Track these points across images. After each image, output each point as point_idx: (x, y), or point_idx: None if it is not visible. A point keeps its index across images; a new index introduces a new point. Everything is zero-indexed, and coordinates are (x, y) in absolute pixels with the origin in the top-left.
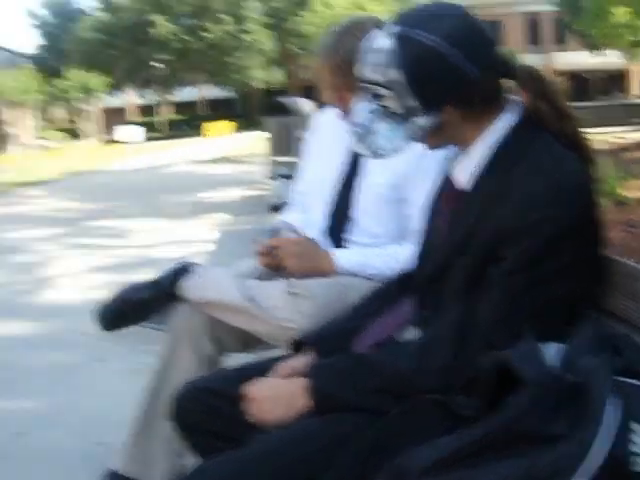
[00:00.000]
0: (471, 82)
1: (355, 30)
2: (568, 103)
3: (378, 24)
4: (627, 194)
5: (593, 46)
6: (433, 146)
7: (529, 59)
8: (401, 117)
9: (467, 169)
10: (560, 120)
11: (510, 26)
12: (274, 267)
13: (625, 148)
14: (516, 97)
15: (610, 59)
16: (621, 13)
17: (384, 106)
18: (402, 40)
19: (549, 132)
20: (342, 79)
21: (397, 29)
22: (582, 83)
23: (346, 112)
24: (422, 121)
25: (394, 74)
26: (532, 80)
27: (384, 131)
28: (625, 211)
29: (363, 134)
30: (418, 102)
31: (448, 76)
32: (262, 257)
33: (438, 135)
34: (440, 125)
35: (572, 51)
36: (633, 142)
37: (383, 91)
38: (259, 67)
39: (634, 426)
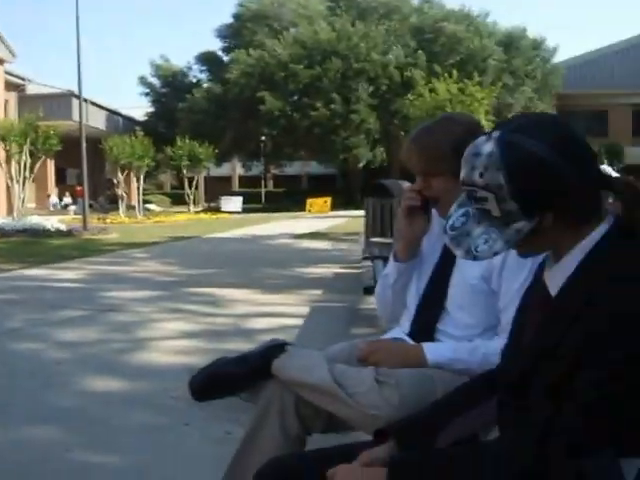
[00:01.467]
0: (571, 190)
1: (447, 122)
2: None
3: (472, 121)
4: None
5: None
6: (525, 252)
7: (634, 151)
8: (499, 221)
9: (559, 276)
10: None
11: (615, 117)
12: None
13: None
14: (612, 208)
15: None
16: None
17: (483, 209)
18: (505, 144)
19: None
20: (429, 163)
21: (500, 133)
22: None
23: (434, 200)
24: (520, 225)
25: (495, 176)
26: (628, 190)
27: (480, 234)
28: None
29: (458, 235)
30: (517, 206)
31: (549, 182)
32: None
33: (533, 241)
34: (537, 231)
35: None
36: None
37: (483, 193)
38: (363, 146)
39: None
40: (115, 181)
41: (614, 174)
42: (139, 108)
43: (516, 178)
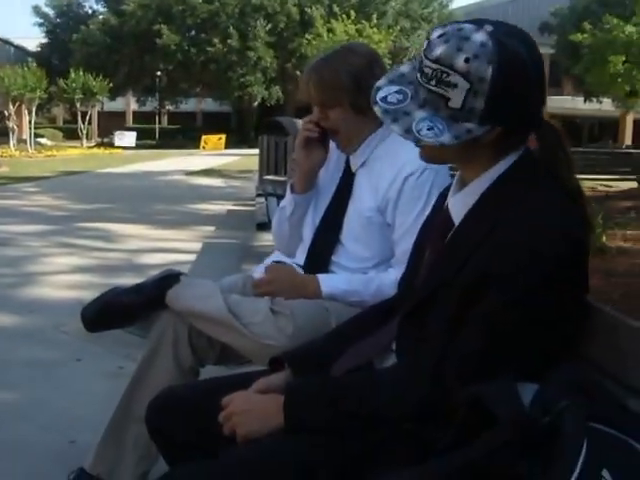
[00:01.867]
0: (527, 113)
1: (346, 53)
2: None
3: (371, 52)
4: (608, 243)
5: (588, 93)
6: (434, 157)
7: None
8: (451, 113)
9: (463, 204)
10: (568, 170)
11: None
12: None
13: (610, 196)
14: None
15: (604, 107)
16: (619, 62)
17: (440, 95)
18: (498, 40)
19: (550, 180)
20: (327, 94)
21: (493, 29)
22: (574, 128)
23: (332, 131)
24: (471, 126)
25: (482, 68)
26: (552, 130)
27: (423, 118)
28: (604, 259)
29: (393, 111)
30: (484, 107)
31: (523, 95)
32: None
33: (459, 150)
34: (475, 140)
35: (567, 95)
36: (618, 191)
37: (457, 79)
38: (259, 84)
39: (604, 472)
40: (6, 113)
41: None
42: (32, 39)
43: (502, 78)
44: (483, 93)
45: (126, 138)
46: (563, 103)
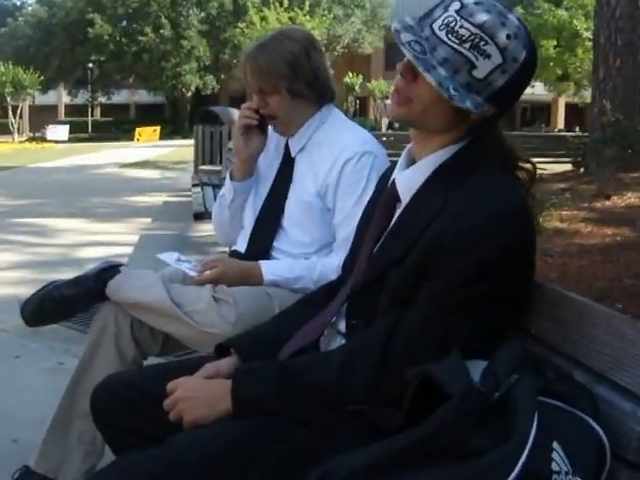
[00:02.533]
0: (517, 96)
1: (282, 38)
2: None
3: (307, 36)
4: (544, 224)
5: None
6: (411, 116)
7: None
8: (469, 79)
9: (412, 182)
10: (511, 149)
11: None
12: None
13: (544, 179)
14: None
15: (537, 91)
16: (550, 46)
17: (467, 60)
18: (527, 29)
19: (497, 160)
20: (265, 81)
21: (518, 15)
22: (507, 112)
23: (271, 118)
24: (480, 100)
25: (518, 49)
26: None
27: (445, 76)
28: (541, 240)
29: (425, 62)
30: (504, 84)
31: (526, 81)
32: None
33: (448, 119)
34: (468, 117)
35: None
36: (552, 173)
37: (493, 50)
38: (193, 74)
39: (555, 444)
40: None
41: None
42: None
43: (528, 65)
44: (509, 73)
45: (58, 132)
46: None
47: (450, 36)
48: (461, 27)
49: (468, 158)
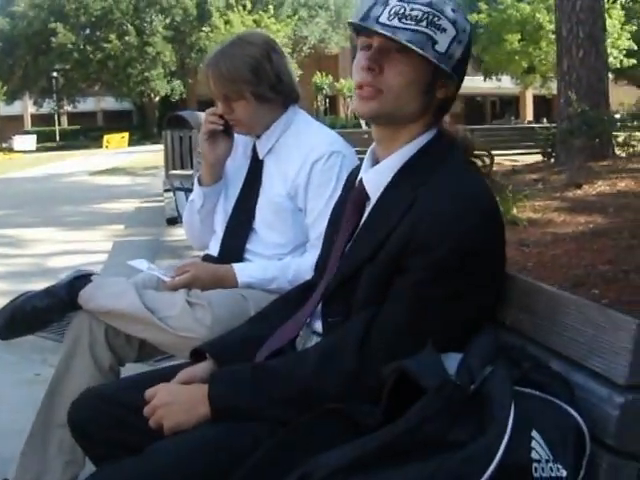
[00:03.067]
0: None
1: (242, 44)
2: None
3: (266, 40)
4: (519, 215)
5: (487, 71)
6: (393, 112)
7: None
8: (437, 56)
9: (380, 180)
10: (468, 139)
11: None
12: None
13: (517, 170)
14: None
15: (505, 84)
16: (515, 40)
17: (429, 36)
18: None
19: (460, 154)
20: (229, 88)
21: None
22: (477, 107)
23: (236, 123)
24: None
25: (463, 20)
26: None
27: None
28: (517, 231)
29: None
30: (460, 57)
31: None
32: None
33: (418, 104)
34: (434, 97)
35: (467, 76)
36: (524, 165)
37: (446, 24)
38: (160, 79)
39: (534, 433)
40: None
41: None
42: None
43: (471, 32)
44: (464, 44)
45: (26, 142)
46: (464, 83)
47: (405, 20)
48: (412, 10)
49: (433, 153)
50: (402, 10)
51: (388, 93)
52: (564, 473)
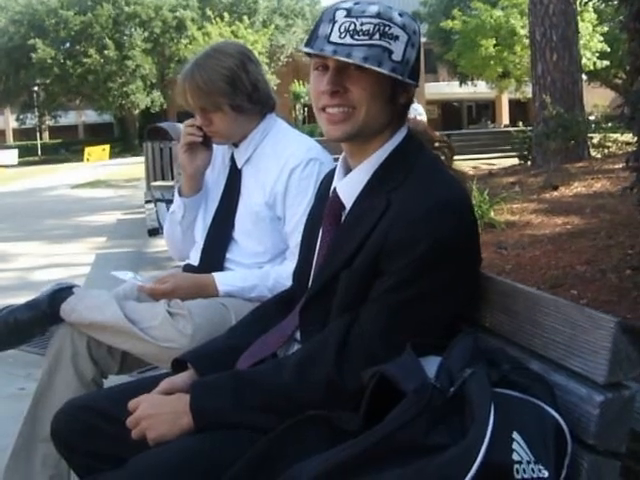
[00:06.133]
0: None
1: (217, 55)
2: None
3: (241, 50)
4: (496, 217)
5: (463, 76)
6: (365, 125)
7: (427, 87)
8: (395, 66)
9: (353, 187)
10: (446, 146)
11: None
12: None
13: (494, 174)
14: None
15: (480, 89)
16: (490, 45)
17: (385, 48)
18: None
19: (430, 152)
20: (205, 100)
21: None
22: (454, 112)
23: (214, 134)
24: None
25: (412, 22)
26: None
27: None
28: (495, 234)
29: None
30: (415, 60)
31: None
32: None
33: (383, 114)
34: (397, 103)
35: (443, 81)
36: (501, 168)
37: (398, 31)
38: (140, 92)
39: (515, 435)
40: None
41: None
42: None
43: (419, 30)
44: (417, 45)
45: (7, 156)
46: (440, 89)
47: (357, 36)
48: (362, 25)
49: (404, 155)
50: (352, 26)
51: (360, 109)
52: (546, 474)
